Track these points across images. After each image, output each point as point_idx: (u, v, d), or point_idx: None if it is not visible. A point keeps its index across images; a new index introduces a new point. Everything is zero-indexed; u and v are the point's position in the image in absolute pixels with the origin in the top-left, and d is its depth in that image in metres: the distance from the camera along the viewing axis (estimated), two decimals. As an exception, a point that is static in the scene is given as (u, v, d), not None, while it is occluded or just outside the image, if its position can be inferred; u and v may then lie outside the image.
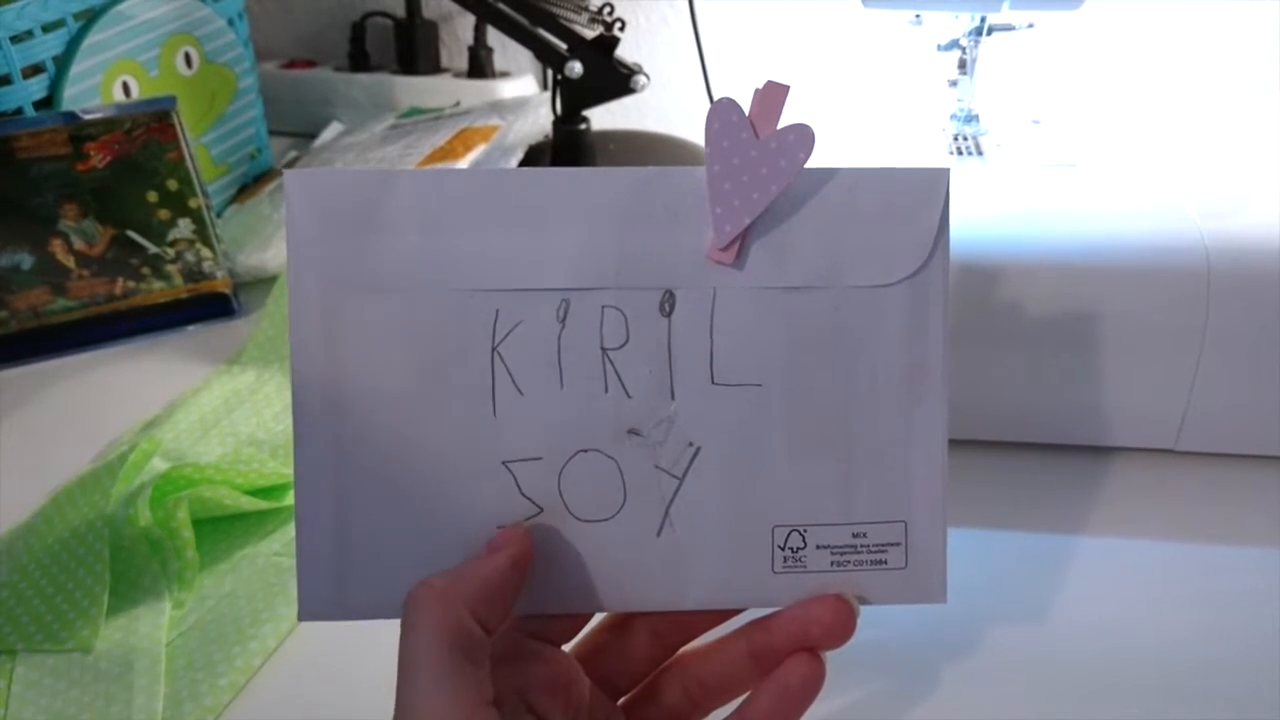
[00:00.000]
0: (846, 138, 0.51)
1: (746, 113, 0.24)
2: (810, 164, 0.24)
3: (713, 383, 0.24)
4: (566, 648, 0.26)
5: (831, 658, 0.25)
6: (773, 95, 0.24)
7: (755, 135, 0.23)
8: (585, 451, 0.24)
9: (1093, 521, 0.38)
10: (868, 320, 0.24)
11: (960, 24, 0.49)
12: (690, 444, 0.25)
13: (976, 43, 0.48)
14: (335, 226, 0.24)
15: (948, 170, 0.24)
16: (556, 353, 0.24)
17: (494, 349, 0.24)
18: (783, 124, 0.24)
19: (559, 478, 0.24)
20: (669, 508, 0.25)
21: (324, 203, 0.24)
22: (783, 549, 0.25)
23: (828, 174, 0.24)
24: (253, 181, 0.68)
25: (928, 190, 0.24)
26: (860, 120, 0.53)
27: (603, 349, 0.24)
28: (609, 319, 0.24)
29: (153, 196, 0.53)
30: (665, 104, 0.76)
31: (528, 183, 0.24)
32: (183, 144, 0.52)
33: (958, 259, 0.38)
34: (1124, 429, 0.41)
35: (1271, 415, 0.39)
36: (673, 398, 0.24)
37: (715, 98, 0.68)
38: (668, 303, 0.24)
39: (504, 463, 0.24)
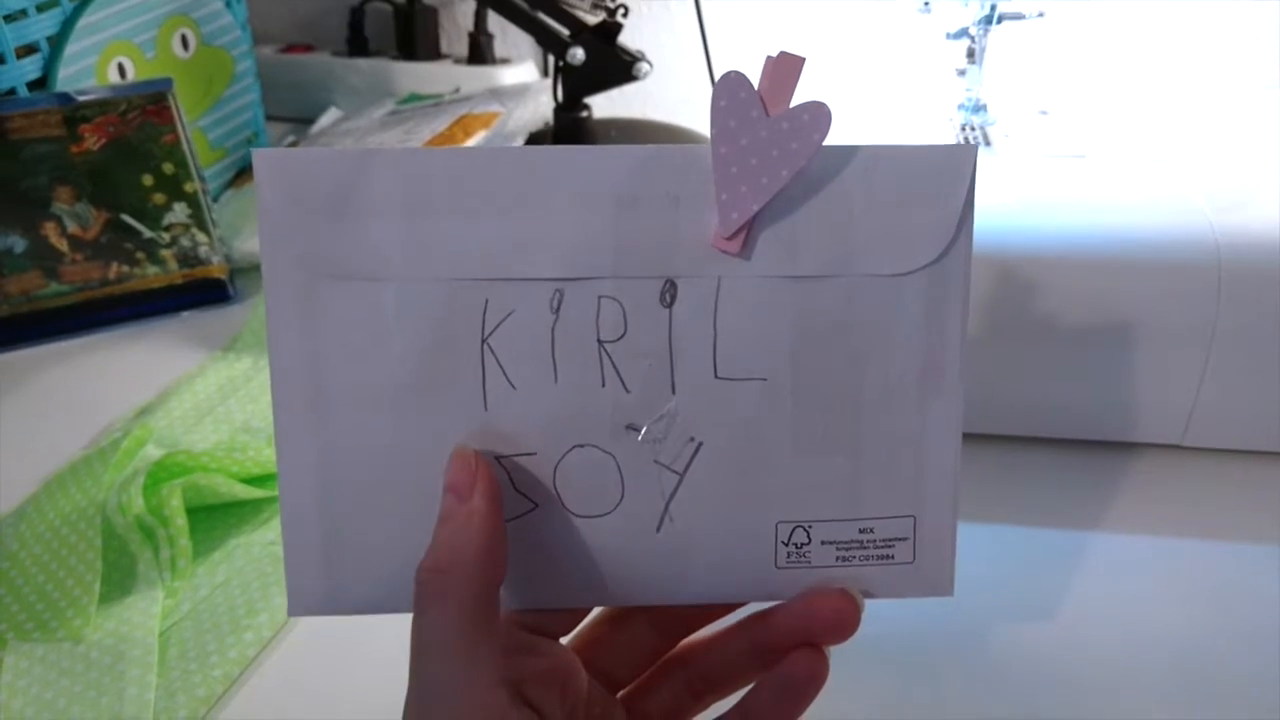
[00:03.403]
0: (853, 127, 0.50)
1: (756, 89, 0.22)
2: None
3: (716, 377, 0.23)
4: (565, 640, 0.26)
5: (835, 650, 0.24)
6: (786, 68, 0.22)
7: (765, 114, 0.22)
8: (581, 446, 0.24)
9: (1098, 517, 0.38)
10: (882, 311, 0.23)
11: (970, 12, 0.48)
12: (692, 439, 0.24)
13: (986, 31, 0.48)
14: (311, 210, 0.22)
15: (974, 148, 0.23)
16: (550, 345, 0.23)
17: (484, 341, 0.23)
18: (795, 102, 0.22)
19: (554, 473, 0.24)
20: (669, 503, 0.24)
21: (298, 185, 0.22)
22: (786, 545, 0.24)
23: (843, 153, 0.23)
24: (249, 166, 0.68)
25: (952, 170, 0.23)
26: (867, 109, 0.52)
27: (599, 341, 0.23)
28: (606, 310, 0.23)
29: (148, 180, 0.52)
30: (668, 92, 0.75)
31: (517, 163, 0.22)
32: (179, 127, 0.52)
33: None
34: (1131, 424, 0.40)
35: (1280, 411, 0.39)
36: (673, 392, 0.23)
37: (718, 86, 0.67)
38: (669, 293, 0.23)
39: (496, 457, 0.24)
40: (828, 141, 0.22)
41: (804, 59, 0.22)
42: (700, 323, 0.23)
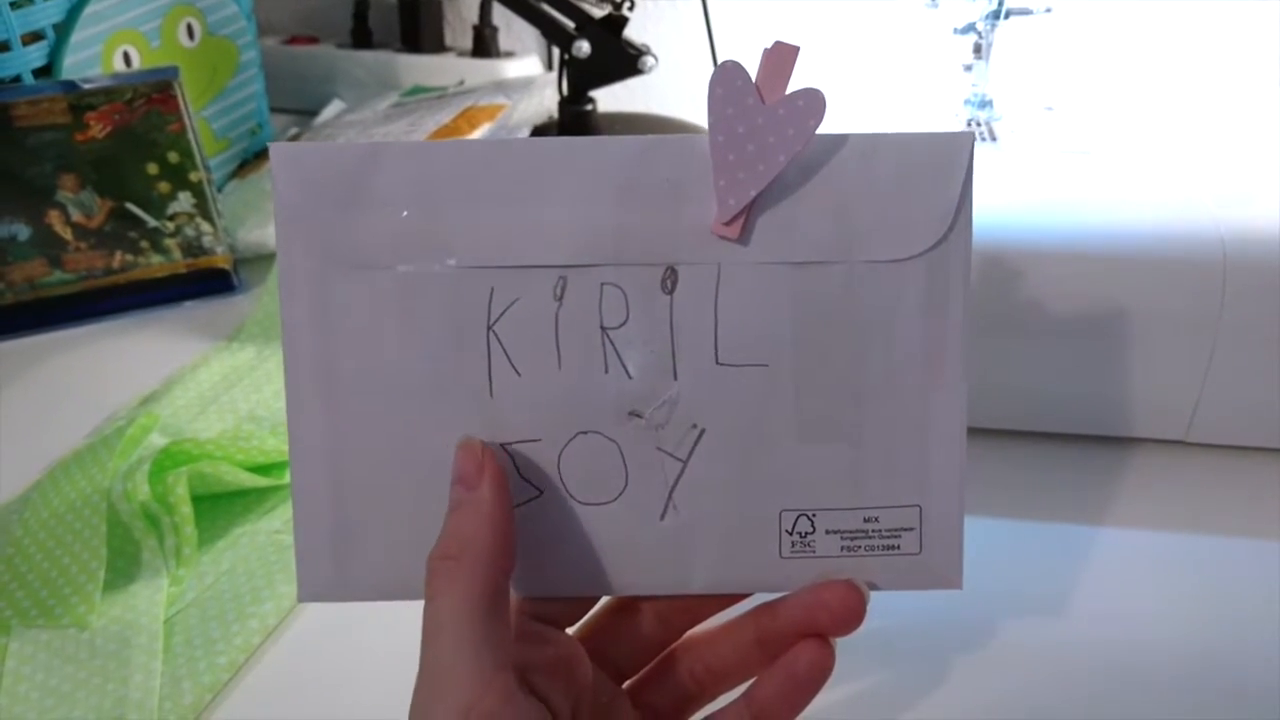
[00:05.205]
0: (858, 120, 0.50)
1: (753, 78, 0.22)
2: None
3: (717, 363, 0.24)
4: (571, 630, 0.26)
5: (840, 643, 0.24)
6: (781, 57, 0.22)
7: (761, 101, 0.22)
8: (585, 433, 0.24)
9: (1103, 512, 0.38)
10: (882, 297, 0.23)
11: (977, 7, 0.48)
12: (694, 426, 0.24)
13: (993, 27, 0.48)
14: (324, 202, 0.23)
15: (971, 134, 0.23)
16: (554, 332, 0.23)
17: (489, 328, 0.23)
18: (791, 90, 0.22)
19: (558, 460, 0.24)
20: (672, 491, 0.24)
21: (312, 177, 0.23)
22: (790, 533, 0.24)
23: (839, 140, 0.23)
24: (253, 157, 0.68)
25: (949, 157, 0.23)
26: (873, 103, 0.52)
27: (602, 328, 0.23)
28: (608, 296, 0.23)
29: (153, 169, 0.52)
30: (673, 86, 0.75)
31: (521, 154, 0.23)
32: (184, 115, 0.52)
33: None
34: (1134, 419, 0.40)
35: (1283, 408, 0.39)
36: (675, 378, 0.24)
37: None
38: (669, 279, 0.23)
39: (502, 444, 0.24)
40: (832, 133, 0.23)
41: (798, 48, 0.22)
42: (701, 309, 0.23)
